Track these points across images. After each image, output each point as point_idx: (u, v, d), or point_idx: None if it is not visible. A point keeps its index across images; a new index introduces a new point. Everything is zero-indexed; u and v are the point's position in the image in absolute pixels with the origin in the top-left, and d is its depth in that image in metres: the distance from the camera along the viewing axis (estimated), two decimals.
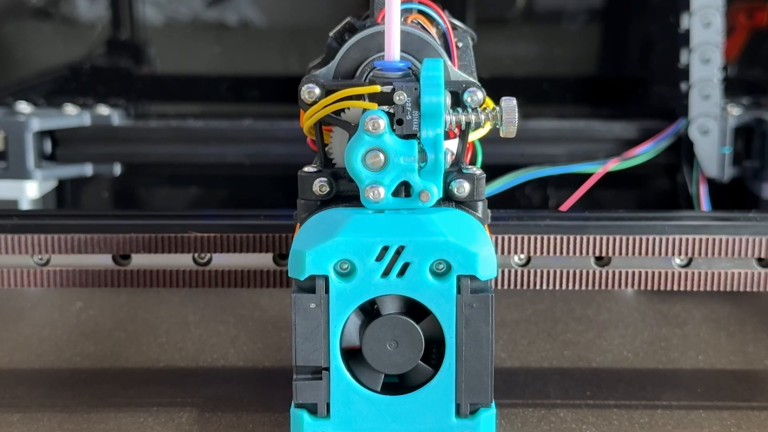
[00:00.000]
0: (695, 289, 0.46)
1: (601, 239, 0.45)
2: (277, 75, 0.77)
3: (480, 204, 0.39)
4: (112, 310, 0.60)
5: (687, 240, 0.46)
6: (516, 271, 0.46)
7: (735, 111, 0.66)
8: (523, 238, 0.46)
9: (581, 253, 0.46)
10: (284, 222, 0.46)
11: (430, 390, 0.37)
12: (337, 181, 0.39)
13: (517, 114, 0.38)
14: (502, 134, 0.38)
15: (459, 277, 0.36)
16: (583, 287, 0.46)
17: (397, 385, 0.38)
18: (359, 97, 0.38)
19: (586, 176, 0.62)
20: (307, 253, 0.36)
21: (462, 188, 0.38)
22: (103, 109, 0.70)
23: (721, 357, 0.53)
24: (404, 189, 0.36)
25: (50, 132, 0.68)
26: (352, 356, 0.37)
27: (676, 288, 0.46)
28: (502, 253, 0.46)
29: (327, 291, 0.36)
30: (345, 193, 0.39)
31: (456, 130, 0.38)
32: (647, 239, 0.46)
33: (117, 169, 0.71)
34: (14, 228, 0.46)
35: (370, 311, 0.37)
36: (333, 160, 0.40)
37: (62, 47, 0.74)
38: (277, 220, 0.47)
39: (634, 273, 0.46)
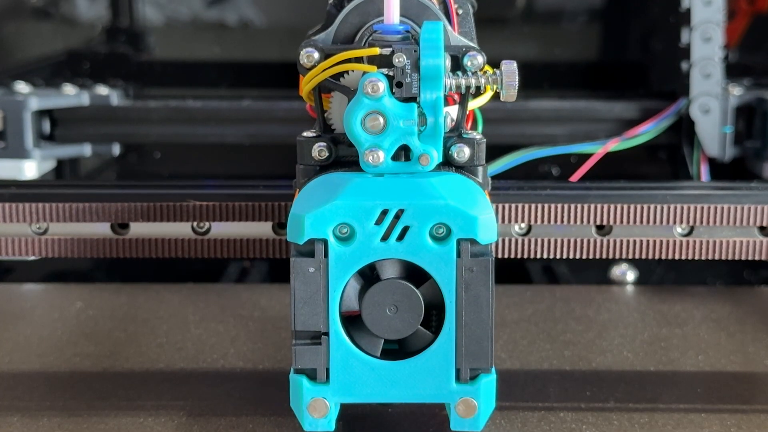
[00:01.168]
0: (697, 257, 0.46)
1: (602, 208, 0.46)
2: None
3: (480, 169, 0.39)
4: (111, 310, 0.60)
5: (689, 208, 0.46)
6: (517, 240, 0.46)
7: (736, 91, 0.66)
8: (523, 207, 0.46)
9: (582, 221, 0.46)
10: (283, 191, 0.46)
11: (429, 355, 0.37)
12: (336, 146, 0.39)
13: (517, 78, 0.38)
14: (502, 98, 0.38)
15: (459, 241, 0.36)
16: (584, 256, 0.46)
17: (397, 350, 0.38)
18: (359, 60, 0.38)
19: (586, 157, 0.62)
20: (306, 217, 0.36)
21: (462, 153, 0.38)
22: (102, 89, 0.70)
23: (721, 357, 0.53)
24: (404, 153, 0.36)
25: (49, 112, 0.68)
26: (352, 321, 0.37)
27: (678, 257, 0.46)
28: (503, 222, 0.46)
29: (326, 255, 0.36)
30: (344, 159, 0.39)
31: (456, 97, 0.38)
32: (648, 208, 0.46)
33: (116, 149, 0.71)
34: (12, 197, 0.46)
35: (369, 276, 0.37)
36: (332, 125, 0.40)
37: (62, 38, 0.74)
38: (276, 189, 0.47)
39: (635, 242, 0.46)
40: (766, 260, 0.67)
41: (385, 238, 0.36)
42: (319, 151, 0.39)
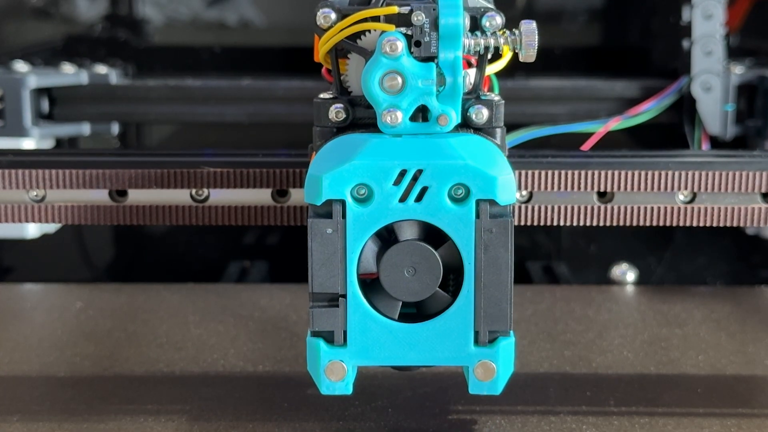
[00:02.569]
0: (699, 224, 0.46)
1: (604, 174, 0.46)
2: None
3: (499, 131, 0.39)
4: (111, 310, 0.60)
5: (691, 175, 0.45)
6: (518, 207, 0.46)
7: (738, 69, 0.66)
8: (525, 174, 0.46)
9: (584, 188, 0.45)
10: (284, 159, 0.46)
11: (448, 317, 0.37)
12: (353, 108, 0.39)
13: (537, 37, 0.38)
14: (521, 58, 0.38)
15: (478, 202, 0.36)
16: (586, 223, 0.46)
17: (415, 313, 0.38)
18: (376, 19, 0.37)
19: (587, 136, 0.62)
20: (324, 177, 0.36)
21: (480, 114, 0.38)
22: (101, 68, 0.70)
23: (721, 357, 0.53)
24: (422, 113, 0.36)
25: (48, 90, 0.68)
26: (369, 284, 0.37)
27: (680, 223, 0.46)
28: None
29: (344, 216, 0.36)
30: (361, 121, 0.39)
31: (473, 61, 0.38)
32: (651, 174, 0.46)
33: (115, 128, 0.71)
34: (10, 164, 0.46)
35: (387, 237, 0.37)
36: (349, 88, 0.40)
37: (63, 25, 0.74)
38: (275, 157, 0.47)
39: (637, 209, 0.46)
40: (765, 244, 0.67)
41: (403, 198, 0.36)
42: (336, 112, 0.39)
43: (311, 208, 0.36)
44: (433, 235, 0.37)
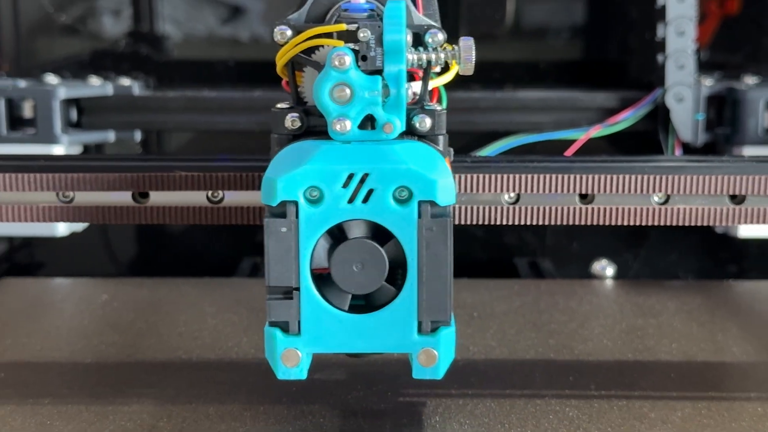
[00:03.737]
0: (672, 223, 0.46)
1: (585, 178, 0.45)
2: None
3: (441, 138, 0.39)
4: (134, 302, 0.61)
5: (665, 178, 0.45)
6: (506, 208, 0.46)
7: (708, 81, 0.67)
8: (513, 177, 0.46)
9: (567, 191, 0.45)
10: None
11: (393, 309, 0.37)
12: (308, 116, 0.39)
13: (474, 52, 0.38)
14: (460, 71, 0.39)
15: (420, 203, 0.36)
16: (569, 223, 0.46)
17: (363, 304, 0.38)
18: (327, 35, 0.38)
19: (570, 143, 0.62)
20: (279, 180, 0.36)
21: (424, 123, 0.38)
22: (125, 81, 0.70)
23: (692, 345, 0.53)
24: (369, 122, 0.36)
25: (76, 101, 0.68)
26: (321, 278, 0.37)
27: (655, 223, 0.46)
28: (494, 191, 0.46)
29: (297, 216, 0.36)
30: (315, 128, 0.39)
31: (420, 72, 0.38)
32: (628, 177, 0.45)
33: (137, 135, 0.70)
34: (41, 168, 0.46)
35: (337, 235, 0.37)
36: (304, 98, 0.40)
37: (90, 42, 0.74)
38: None
39: (615, 209, 0.46)
40: (733, 242, 0.67)
41: (351, 200, 0.36)
42: (292, 121, 0.39)
43: (267, 208, 0.36)
44: (379, 233, 0.37)
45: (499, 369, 0.49)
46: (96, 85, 0.68)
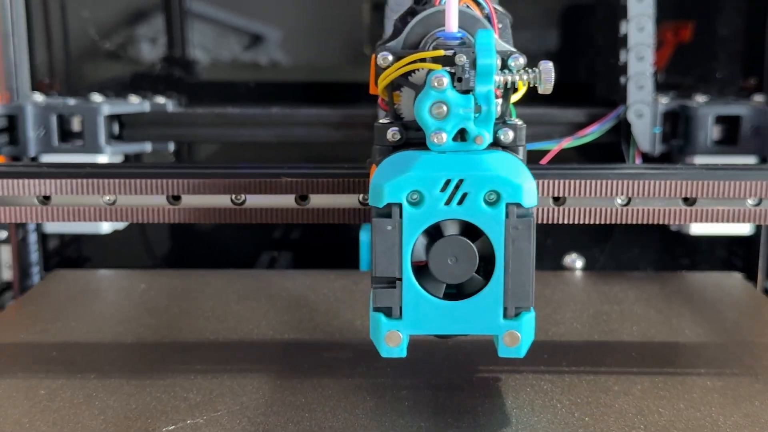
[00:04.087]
0: (634, 222, 0.46)
1: (559, 183, 0.46)
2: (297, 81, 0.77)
3: (521, 148, 0.39)
4: (168, 290, 0.61)
5: (627, 183, 0.46)
6: None
7: (664, 100, 0.67)
8: None
9: (542, 194, 0.46)
10: (305, 171, 0.46)
11: (482, 297, 0.37)
12: (407, 130, 0.39)
13: (553, 74, 0.38)
14: (540, 91, 0.38)
15: (507, 205, 0.36)
16: (544, 221, 0.46)
17: (456, 293, 0.37)
18: (423, 60, 0.38)
19: (545, 153, 0.62)
20: (386, 185, 0.35)
21: (507, 135, 0.38)
22: (160, 99, 0.70)
23: (650, 328, 0.53)
24: (462, 135, 0.36)
25: (118, 117, 0.68)
26: (420, 270, 0.37)
27: (618, 222, 0.46)
28: None
29: (401, 216, 0.36)
30: (412, 141, 0.39)
31: (501, 92, 0.38)
32: (595, 183, 0.46)
33: (171, 146, 0.71)
34: (88, 175, 0.46)
35: (434, 233, 0.37)
36: (401, 115, 0.40)
37: (130, 66, 0.74)
38: (299, 170, 0.46)
39: (584, 210, 0.46)
40: (686, 239, 0.67)
41: (447, 202, 0.36)
42: (393, 134, 0.39)
43: (374, 209, 0.36)
44: (470, 231, 0.36)
45: (482, 347, 0.49)
46: (135, 103, 0.68)
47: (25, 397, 0.44)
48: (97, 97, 0.69)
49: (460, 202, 0.36)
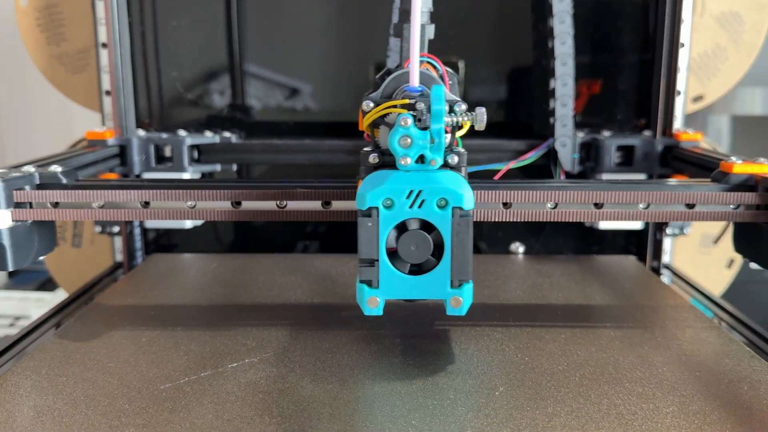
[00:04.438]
0: (559, 220, 0.46)
1: (507, 192, 0.46)
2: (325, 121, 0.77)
3: (463, 168, 0.39)
4: (233, 268, 0.61)
5: (554, 193, 0.45)
6: None
7: (580, 134, 0.66)
8: None
9: (495, 200, 0.46)
10: (328, 184, 0.46)
11: (435, 272, 0.37)
12: (383, 155, 0.39)
13: (485, 116, 0.38)
14: (476, 128, 0.38)
15: (453, 208, 0.36)
16: (496, 219, 0.46)
17: (417, 270, 0.37)
18: (395, 106, 0.38)
19: (497, 171, 0.62)
20: (367, 194, 0.36)
21: (454, 159, 0.38)
22: (226, 134, 0.70)
23: (571, 295, 0.53)
24: (421, 159, 0.36)
25: (197, 146, 0.68)
26: (392, 253, 0.37)
27: (548, 220, 0.46)
28: None
29: (378, 216, 0.36)
30: (387, 163, 0.39)
31: (449, 129, 0.38)
32: (532, 192, 0.46)
33: (234, 167, 0.70)
34: (176, 186, 0.46)
35: (402, 228, 0.37)
36: (380, 144, 0.40)
37: (205, 110, 0.74)
38: (324, 183, 0.46)
39: (525, 212, 0.46)
40: (596, 232, 0.67)
41: (411, 206, 0.36)
42: (373, 158, 0.39)
43: (360, 211, 0.36)
44: (427, 226, 0.36)
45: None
46: (209, 137, 0.68)
47: (131, 343, 0.44)
48: (182, 132, 0.68)
49: (419, 206, 0.36)
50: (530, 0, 0.69)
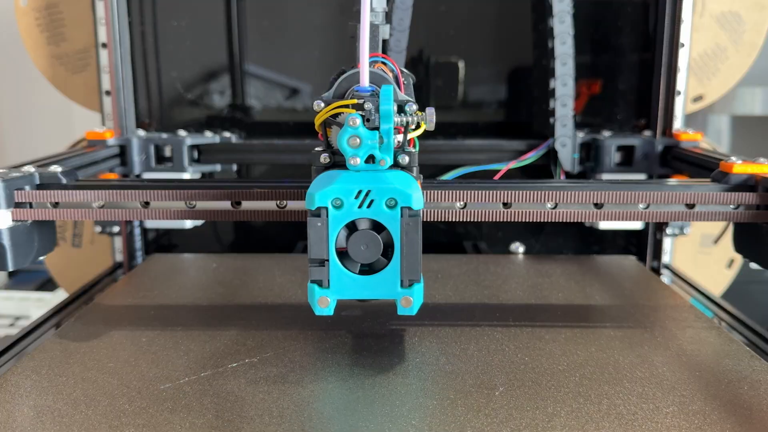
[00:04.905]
0: (559, 220, 0.46)
1: (507, 192, 0.46)
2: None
3: (414, 168, 0.38)
4: (233, 268, 0.61)
5: (554, 193, 0.45)
6: (458, 211, 0.46)
7: (580, 134, 0.66)
8: (462, 192, 0.46)
9: (495, 201, 0.45)
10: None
11: (386, 272, 0.37)
12: (334, 155, 0.38)
13: (435, 116, 0.38)
14: (427, 128, 0.38)
15: (402, 208, 0.35)
16: (496, 220, 0.46)
17: (367, 269, 0.37)
18: (346, 106, 0.38)
19: (497, 172, 0.62)
20: (316, 194, 0.36)
21: (404, 159, 0.38)
22: (226, 134, 0.70)
23: (570, 295, 0.53)
24: (371, 159, 0.36)
25: (197, 146, 0.68)
26: (342, 253, 0.37)
27: (548, 220, 0.46)
28: (450, 200, 0.46)
29: (327, 215, 0.36)
30: (338, 163, 0.38)
31: (402, 129, 0.38)
32: (532, 192, 0.46)
33: (234, 167, 0.70)
34: (176, 186, 0.46)
35: (351, 227, 0.37)
36: (332, 144, 0.40)
37: (205, 110, 0.74)
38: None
39: (525, 212, 0.46)
40: (596, 232, 0.67)
41: (360, 206, 0.35)
42: (324, 158, 0.39)
43: (309, 211, 0.36)
44: (377, 226, 0.36)
45: (454, 309, 0.49)
46: (209, 137, 0.68)
47: (131, 343, 0.44)
48: (182, 132, 0.69)
49: (369, 206, 0.35)
50: (530, 0, 0.69)
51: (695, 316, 0.49)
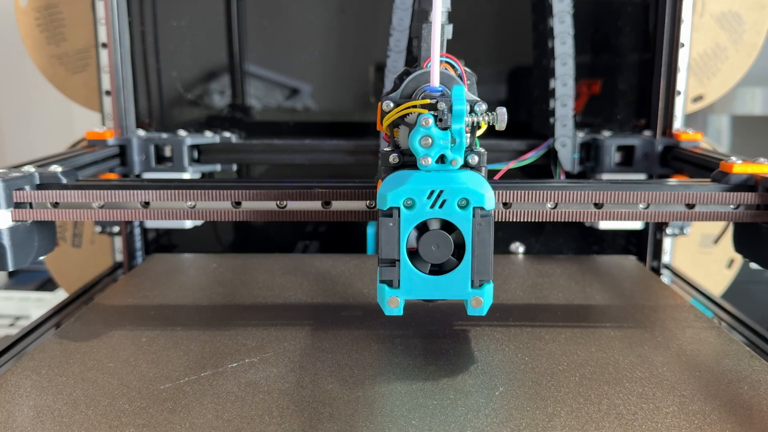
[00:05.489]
0: (559, 220, 0.46)
1: (507, 192, 0.45)
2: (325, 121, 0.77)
3: (483, 168, 0.38)
4: (233, 267, 0.61)
5: (555, 193, 0.45)
6: None
7: (581, 134, 0.66)
8: None
9: (495, 200, 0.45)
10: (328, 185, 0.46)
11: (456, 273, 0.37)
12: (402, 156, 0.38)
13: (506, 116, 0.38)
14: (497, 128, 0.38)
15: (474, 208, 0.36)
16: (496, 219, 0.46)
17: (438, 270, 0.37)
18: (415, 106, 0.38)
19: (497, 171, 0.62)
20: (388, 194, 0.35)
21: (474, 159, 0.38)
22: (226, 134, 0.70)
23: (570, 295, 0.53)
24: (442, 159, 0.36)
25: (197, 146, 0.68)
26: (412, 253, 0.37)
27: (548, 220, 0.46)
28: None
29: (399, 216, 0.36)
30: (407, 163, 0.39)
31: (468, 129, 0.38)
32: (532, 192, 0.46)
33: (234, 167, 0.70)
34: (176, 186, 0.46)
35: (422, 227, 0.37)
36: (399, 145, 0.40)
37: (205, 110, 0.74)
38: (324, 184, 0.46)
39: (525, 211, 0.46)
40: (596, 232, 0.67)
41: (432, 206, 0.36)
42: (393, 158, 0.39)
43: (381, 211, 0.36)
44: (448, 226, 0.36)
45: (454, 308, 0.49)
46: (209, 137, 0.68)
47: (131, 343, 0.44)
48: (182, 132, 0.68)
49: (440, 206, 0.36)
50: (530, 0, 0.69)
51: (695, 316, 0.49)
